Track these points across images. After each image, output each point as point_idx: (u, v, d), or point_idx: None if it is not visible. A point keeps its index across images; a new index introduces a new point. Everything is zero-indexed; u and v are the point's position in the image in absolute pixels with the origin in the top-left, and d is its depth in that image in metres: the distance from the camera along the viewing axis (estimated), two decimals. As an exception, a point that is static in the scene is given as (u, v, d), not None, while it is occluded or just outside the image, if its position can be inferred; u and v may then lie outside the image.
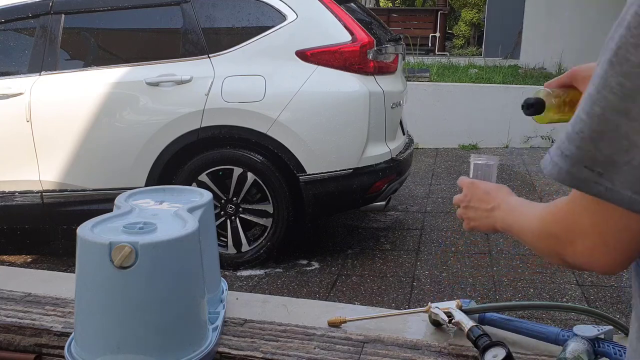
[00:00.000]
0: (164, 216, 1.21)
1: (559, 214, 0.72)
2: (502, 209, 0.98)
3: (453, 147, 6.69)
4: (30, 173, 3.56)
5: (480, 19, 14.72)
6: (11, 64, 3.74)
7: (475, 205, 1.05)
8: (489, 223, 1.01)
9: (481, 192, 1.05)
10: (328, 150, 3.45)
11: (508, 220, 0.93)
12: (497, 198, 1.00)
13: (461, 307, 1.28)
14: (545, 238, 0.76)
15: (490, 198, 1.02)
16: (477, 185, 1.07)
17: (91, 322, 1.11)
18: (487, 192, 1.04)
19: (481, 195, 1.04)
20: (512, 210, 0.93)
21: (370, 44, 3.44)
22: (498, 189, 1.04)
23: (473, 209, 1.06)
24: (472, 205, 1.06)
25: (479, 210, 1.04)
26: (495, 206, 1.00)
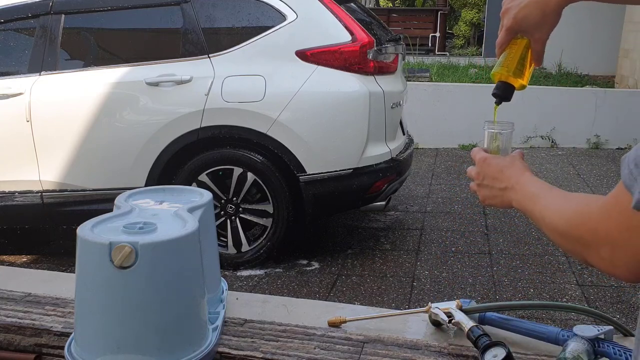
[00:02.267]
0: (164, 216, 1.21)
1: (591, 219, 0.70)
2: (516, 191, 0.94)
3: (453, 147, 6.69)
4: (30, 173, 3.56)
5: (480, 19, 14.72)
6: (11, 64, 3.74)
7: (489, 183, 1.01)
8: (504, 202, 0.98)
9: (494, 170, 1.00)
10: (328, 150, 3.45)
11: (526, 206, 0.90)
12: (510, 178, 0.96)
13: (461, 307, 1.28)
14: (571, 240, 0.74)
15: (504, 177, 0.98)
16: (489, 162, 1.02)
17: (91, 322, 1.11)
18: (500, 170, 0.99)
19: (494, 174, 1.00)
20: (531, 197, 0.89)
21: (370, 44, 3.44)
22: (511, 165, 0.99)
23: (487, 187, 1.02)
24: (485, 184, 1.02)
25: (493, 189, 1.00)
26: (509, 187, 0.96)
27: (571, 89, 7.12)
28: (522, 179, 0.95)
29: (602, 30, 9.10)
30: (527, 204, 0.90)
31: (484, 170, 1.02)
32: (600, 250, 0.68)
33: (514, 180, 0.95)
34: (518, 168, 0.98)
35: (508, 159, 1.02)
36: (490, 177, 1.01)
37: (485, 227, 4.24)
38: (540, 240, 3.98)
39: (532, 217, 0.88)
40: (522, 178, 0.95)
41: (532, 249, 3.84)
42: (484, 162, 1.03)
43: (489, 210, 4.57)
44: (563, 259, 3.68)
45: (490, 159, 1.03)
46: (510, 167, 0.99)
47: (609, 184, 5.19)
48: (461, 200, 4.84)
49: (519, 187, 0.94)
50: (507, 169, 0.99)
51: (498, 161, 1.01)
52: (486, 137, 1.10)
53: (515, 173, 0.97)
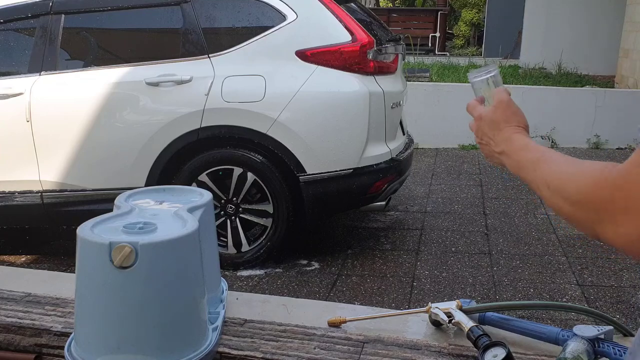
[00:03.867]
0: (164, 216, 1.21)
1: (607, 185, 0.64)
2: (509, 156, 0.90)
3: (453, 147, 6.69)
4: (30, 173, 3.55)
5: (480, 19, 14.73)
6: (11, 64, 3.74)
7: (485, 142, 0.98)
8: (501, 163, 0.94)
9: (488, 130, 0.96)
10: (328, 150, 3.45)
11: (522, 173, 0.85)
12: (503, 142, 0.92)
13: (461, 307, 1.28)
14: (582, 209, 0.68)
15: (497, 140, 0.94)
16: (484, 120, 0.98)
17: (91, 322, 1.11)
18: (493, 131, 0.95)
19: (488, 134, 0.96)
20: (528, 163, 0.84)
21: (370, 44, 3.44)
22: (504, 126, 0.94)
23: (486, 145, 0.98)
24: (482, 142, 0.99)
25: (490, 149, 0.97)
26: (502, 152, 0.92)
27: (571, 89, 7.12)
28: (514, 143, 0.90)
29: (602, 30, 9.10)
30: (523, 171, 0.85)
31: (481, 129, 0.99)
32: (616, 219, 0.63)
33: (508, 145, 0.91)
34: (508, 129, 0.93)
35: (497, 117, 0.96)
36: (486, 136, 0.97)
37: (485, 227, 4.24)
38: (540, 240, 3.98)
39: (532, 184, 0.83)
40: (514, 142, 0.90)
41: (532, 249, 3.84)
42: (480, 119, 1.00)
43: (489, 210, 4.57)
44: (563, 259, 3.68)
45: (485, 117, 0.98)
46: (499, 129, 0.94)
47: (609, 184, 5.19)
48: (461, 200, 4.84)
49: (514, 154, 0.89)
50: (500, 131, 0.94)
51: (489, 120, 0.97)
52: (474, 89, 1.07)
53: (506, 136, 0.92)
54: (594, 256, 3.71)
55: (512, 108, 0.97)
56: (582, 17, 9.32)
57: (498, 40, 11.61)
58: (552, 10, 9.59)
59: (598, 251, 3.77)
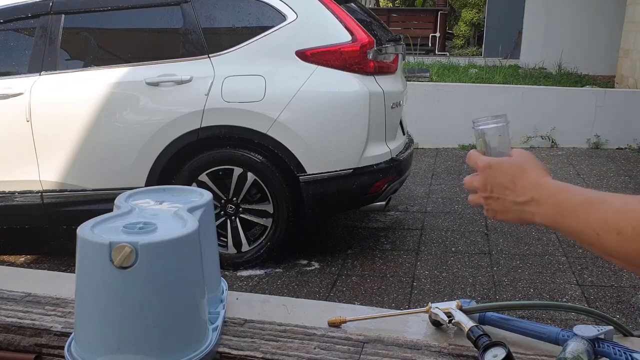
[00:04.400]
0: (164, 216, 1.21)
1: None
2: (542, 204, 0.76)
3: (453, 147, 6.69)
4: (30, 173, 3.55)
5: (480, 19, 14.73)
6: (11, 64, 3.74)
7: (500, 196, 0.82)
8: (523, 217, 0.80)
9: (505, 179, 0.82)
10: (328, 150, 3.45)
11: (564, 221, 0.72)
12: (531, 188, 0.78)
13: (461, 307, 1.28)
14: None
15: (520, 188, 0.80)
16: (496, 168, 0.83)
17: (91, 322, 1.11)
18: (512, 179, 0.81)
19: (506, 183, 0.81)
20: (578, 207, 0.71)
21: (370, 44, 3.44)
22: (523, 170, 0.81)
23: (497, 200, 0.83)
24: (494, 196, 0.83)
25: (507, 202, 0.82)
26: (531, 200, 0.78)
27: (571, 89, 7.12)
28: (548, 187, 0.77)
29: (602, 30, 9.10)
30: (570, 218, 0.72)
31: (492, 179, 0.84)
32: None
33: (534, 190, 0.78)
34: (534, 173, 0.80)
35: (517, 162, 0.83)
36: (501, 187, 0.82)
37: (485, 227, 4.23)
38: (540, 240, 3.98)
39: (583, 233, 0.69)
40: (547, 185, 0.77)
41: (532, 249, 3.84)
42: (490, 168, 0.84)
43: (489, 210, 4.57)
44: (563, 259, 3.68)
45: (497, 165, 0.84)
46: (523, 172, 0.81)
47: (609, 183, 5.19)
48: (461, 200, 4.84)
49: (547, 197, 0.76)
50: (523, 176, 0.81)
51: (507, 167, 0.83)
52: (480, 137, 0.93)
53: (533, 181, 0.79)
54: (594, 256, 3.71)
55: (534, 157, 0.84)
56: (582, 17, 9.32)
57: (498, 40, 11.61)
58: (552, 10, 9.60)
59: (598, 251, 3.76)
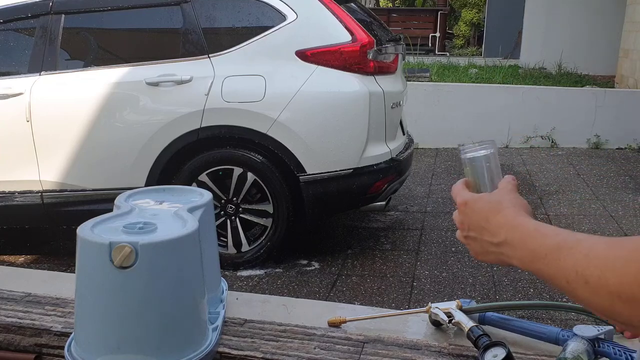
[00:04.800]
0: (164, 216, 1.21)
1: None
2: (515, 247, 0.70)
3: (453, 147, 6.69)
4: (30, 173, 3.55)
5: (480, 19, 14.73)
6: (11, 64, 3.74)
7: (477, 235, 0.76)
8: (502, 260, 0.73)
9: (481, 217, 0.75)
10: (328, 150, 3.45)
11: (542, 267, 0.65)
12: (505, 228, 0.71)
13: (461, 307, 1.28)
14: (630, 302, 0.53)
15: (495, 228, 0.73)
16: (472, 206, 0.77)
17: (91, 322, 1.11)
18: (487, 218, 0.74)
19: (482, 222, 0.75)
20: (548, 252, 0.64)
21: (370, 44, 3.44)
22: (498, 208, 0.74)
23: (474, 240, 0.77)
24: (471, 235, 0.77)
25: (484, 243, 0.75)
26: (504, 242, 0.71)
27: (571, 89, 7.12)
28: (521, 228, 0.70)
29: (602, 30, 9.10)
30: (540, 262, 0.66)
31: (468, 218, 0.78)
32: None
33: (507, 231, 0.71)
34: (510, 212, 0.73)
35: (494, 199, 0.76)
36: (477, 226, 0.76)
37: (485, 227, 4.23)
38: (540, 240, 3.97)
39: (555, 279, 0.63)
40: (521, 226, 0.70)
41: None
42: (465, 206, 0.78)
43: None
44: (563, 259, 3.67)
45: (473, 202, 0.78)
46: (497, 211, 0.73)
47: (609, 184, 5.19)
48: (461, 200, 4.83)
49: (519, 240, 0.69)
50: (493, 215, 0.73)
51: (481, 204, 0.77)
52: (467, 166, 0.85)
53: (507, 220, 0.72)
54: (594, 256, 3.70)
55: (515, 194, 0.77)
56: (582, 17, 9.32)
57: (498, 40, 11.61)
58: (552, 10, 9.59)
59: (598, 251, 3.76)
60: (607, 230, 4.11)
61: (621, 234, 4.01)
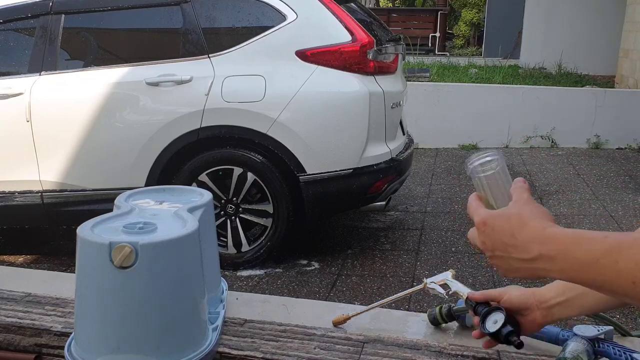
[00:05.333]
0: (164, 216, 1.21)
1: None
2: (558, 261, 0.66)
3: (453, 147, 6.69)
4: (30, 173, 3.55)
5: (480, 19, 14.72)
6: (11, 64, 3.74)
7: (504, 254, 0.73)
8: (538, 274, 0.70)
9: (504, 235, 0.73)
10: (328, 150, 3.45)
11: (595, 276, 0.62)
12: (537, 243, 0.68)
13: (455, 275, 1.28)
14: None
15: (523, 244, 0.70)
16: (491, 224, 0.75)
17: (91, 322, 1.11)
18: (512, 234, 0.71)
19: (507, 240, 0.72)
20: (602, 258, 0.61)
21: (370, 44, 3.44)
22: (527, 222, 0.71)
23: (502, 258, 0.74)
24: (497, 255, 0.75)
25: (513, 260, 0.72)
26: (539, 257, 0.68)
27: (571, 89, 7.12)
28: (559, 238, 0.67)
29: (602, 30, 9.10)
30: (592, 270, 0.62)
31: (490, 238, 0.76)
32: None
33: (541, 246, 0.68)
34: (537, 224, 0.70)
35: (514, 213, 0.74)
36: (502, 244, 0.73)
37: (485, 227, 4.23)
38: (540, 240, 3.97)
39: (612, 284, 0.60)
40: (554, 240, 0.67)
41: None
42: (485, 226, 0.77)
43: (489, 210, 4.57)
44: (563, 259, 3.68)
45: (492, 220, 0.76)
46: (522, 226, 0.71)
47: (609, 184, 5.19)
48: (461, 200, 4.84)
49: (559, 251, 0.66)
50: (519, 231, 0.71)
51: (502, 221, 0.74)
52: (475, 180, 0.86)
53: (537, 234, 0.69)
54: (594, 256, 3.70)
55: (533, 203, 0.76)
56: (582, 17, 9.32)
57: (498, 40, 11.61)
58: (552, 10, 9.59)
59: (598, 251, 3.76)
60: (606, 230, 4.10)
61: (621, 234, 4.01)
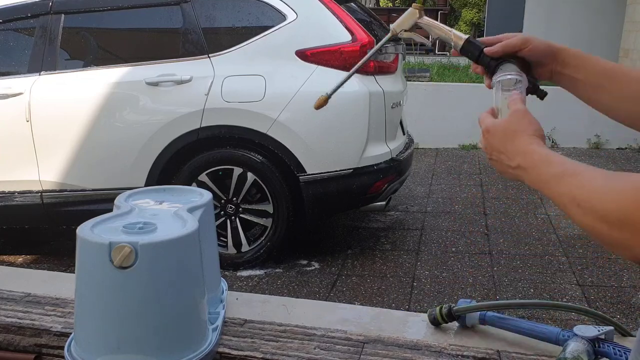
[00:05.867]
0: (164, 216, 1.21)
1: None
2: (527, 172, 0.80)
3: (453, 147, 6.69)
4: (30, 173, 3.55)
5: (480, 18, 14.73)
6: (11, 64, 3.74)
7: (497, 159, 0.87)
8: (517, 179, 0.84)
9: (499, 143, 0.86)
10: (328, 150, 3.45)
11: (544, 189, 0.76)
12: (519, 155, 0.82)
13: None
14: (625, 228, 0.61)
15: (511, 154, 0.83)
16: (492, 133, 0.88)
17: (91, 322, 1.11)
18: (504, 144, 0.85)
19: (500, 148, 0.86)
20: (551, 178, 0.74)
21: (370, 43, 3.44)
22: (517, 136, 0.84)
23: (496, 161, 0.88)
24: (494, 158, 0.88)
25: (503, 165, 0.86)
26: (518, 166, 0.82)
27: (571, 88, 7.11)
28: (532, 156, 0.80)
29: (602, 30, 9.10)
30: (546, 187, 0.76)
31: (490, 143, 0.89)
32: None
33: (521, 157, 0.81)
34: (523, 140, 0.83)
35: (510, 126, 0.86)
36: (497, 151, 0.87)
37: (485, 227, 4.23)
38: (540, 241, 3.97)
39: (556, 201, 0.73)
40: (531, 154, 0.80)
41: (532, 249, 3.84)
42: (488, 133, 0.89)
43: (489, 210, 4.57)
44: (563, 259, 3.68)
45: (493, 129, 0.88)
46: (513, 139, 0.84)
47: (609, 184, 5.19)
48: (461, 200, 4.84)
49: (530, 166, 0.79)
50: (510, 142, 0.84)
51: (500, 131, 0.87)
52: (496, 91, 0.95)
53: (521, 147, 0.82)
54: (595, 256, 3.71)
55: (527, 117, 0.87)
56: (582, 17, 9.32)
57: (498, 40, 11.59)
58: (552, 10, 9.59)
59: (598, 251, 3.77)
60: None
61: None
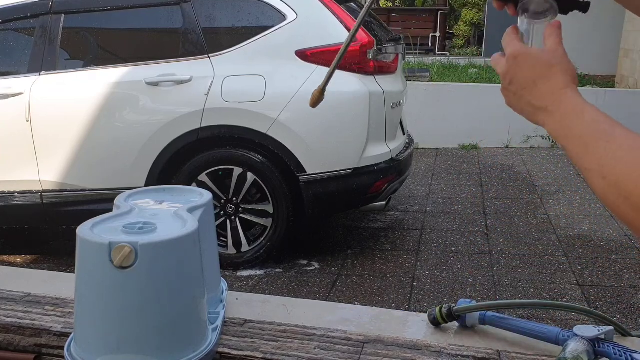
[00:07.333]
0: (164, 216, 1.21)
1: None
2: (556, 120, 0.69)
3: (453, 147, 6.69)
4: (30, 173, 3.55)
5: (480, 18, 14.73)
6: (11, 64, 3.74)
7: (517, 92, 0.74)
8: (535, 120, 0.73)
9: (527, 77, 0.72)
10: (328, 150, 3.45)
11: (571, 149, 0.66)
12: (550, 96, 0.70)
13: None
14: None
15: (539, 93, 0.71)
16: (521, 62, 0.74)
17: (91, 322, 1.11)
18: (534, 80, 0.71)
19: (526, 83, 0.72)
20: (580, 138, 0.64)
21: (370, 43, 3.44)
22: (552, 75, 0.71)
23: (514, 94, 0.75)
24: (512, 90, 0.75)
25: (523, 102, 0.73)
26: (545, 108, 0.70)
27: (571, 89, 7.11)
28: (566, 102, 0.68)
29: (602, 30, 9.10)
30: (571, 143, 0.66)
31: (513, 73, 0.74)
32: None
33: (552, 99, 0.69)
34: (558, 80, 0.71)
35: (545, 61, 0.73)
36: (520, 84, 0.73)
37: (485, 227, 4.23)
38: (540, 241, 3.97)
39: (579, 164, 0.64)
40: (566, 100, 0.68)
41: (532, 249, 3.84)
42: (515, 59, 0.75)
43: (489, 210, 4.57)
44: (563, 259, 3.68)
45: (523, 58, 0.74)
46: (547, 77, 0.71)
47: (609, 184, 5.19)
48: (461, 200, 4.84)
49: (559, 113, 0.68)
50: (542, 80, 0.71)
51: (531, 63, 0.73)
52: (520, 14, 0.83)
53: (554, 89, 0.70)
54: (595, 256, 3.71)
55: (566, 56, 0.75)
56: (582, 17, 9.31)
57: (498, 40, 11.51)
58: (552, 10, 9.58)
59: (598, 251, 3.77)
60: (607, 230, 4.10)
61: (621, 233, 4.01)
